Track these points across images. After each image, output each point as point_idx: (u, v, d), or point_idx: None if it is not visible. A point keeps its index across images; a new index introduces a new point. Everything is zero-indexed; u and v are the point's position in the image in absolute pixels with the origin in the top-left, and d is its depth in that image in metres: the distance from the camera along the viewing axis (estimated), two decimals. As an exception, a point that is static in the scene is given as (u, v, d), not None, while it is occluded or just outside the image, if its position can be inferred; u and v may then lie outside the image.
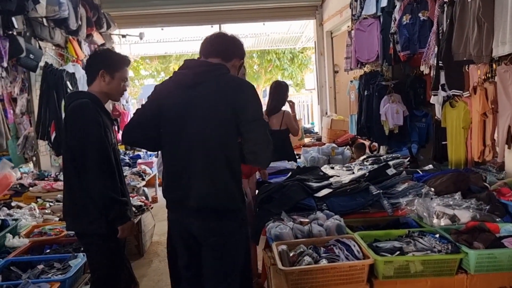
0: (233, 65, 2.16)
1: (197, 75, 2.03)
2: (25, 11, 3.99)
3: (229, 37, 2.20)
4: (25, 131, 4.82)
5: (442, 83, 3.49)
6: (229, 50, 2.16)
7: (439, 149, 3.89)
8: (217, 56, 2.11)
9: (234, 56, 2.17)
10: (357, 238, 2.15)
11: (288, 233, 2.27)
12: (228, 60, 2.13)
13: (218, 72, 2.05)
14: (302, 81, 15.36)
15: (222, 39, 2.18)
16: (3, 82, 4.22)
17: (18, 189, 4.22)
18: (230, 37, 2.20)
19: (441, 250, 1.98)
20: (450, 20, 3.26)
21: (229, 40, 2.18)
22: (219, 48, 2.13)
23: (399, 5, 4.22)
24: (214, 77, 2.02)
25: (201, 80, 2.02)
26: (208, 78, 2.02)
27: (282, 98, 4.42)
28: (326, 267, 1.95)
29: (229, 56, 2.14)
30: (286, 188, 2.82)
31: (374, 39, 4.85)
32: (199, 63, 2.13)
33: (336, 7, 6.94)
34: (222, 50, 2.13)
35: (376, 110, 4.85)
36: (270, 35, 10.39)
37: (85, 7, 5.75)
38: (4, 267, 2.45)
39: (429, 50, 3.73)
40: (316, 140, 7.28)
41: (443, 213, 2.31)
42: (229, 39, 2.19)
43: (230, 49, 2.17)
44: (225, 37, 2.19)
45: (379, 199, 2.66)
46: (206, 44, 2.16)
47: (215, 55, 2.12)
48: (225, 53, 2.14)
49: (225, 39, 2.18)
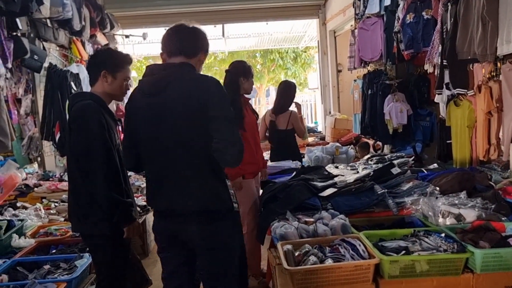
0: (198, 60, 2.05)
1: (160, 81, 1.94)
2: (29, 12, 3.99)
3: (190, 30, 2.03)
4: (29, 131, 4.84)
5: (446, 81, 3.48)
6: (192, 45, 2.02)
7: (444, 148, 3.88)
8: (179, 54, 2.00)
9: (198, 51, 2.04)
10: (363, 237, 2.15)
11: (293, 232, 2.27)
12: (192, 57, 2.01)
13: (181, 73, 1.94)
14: (305, 81, 15.33)
15: (183, 34, 2.02)
16: (7, 83, 4.23)
17: (23, 189, 4.24)
18: (191, 29, 2.04)
19: (447, 249, 1.97)
20: (454, 18, 3.25)
21: (190, 35, 2.03)
22: (180, 45, 2.00)
23: (403, 4, 4.22)
24: (178, 79, 1.92)
25: (165, 85, 1.92)
26: (172, 81, 1.92)
27: (290, 98, 4.43)
28: (332, 266, 1.95)
29: (192, 52, 2.01)
30: (290, 187, 2.83)
31: (378, 38, 4.85)
32: (162, 67, 2.02)
33: (339, 6, 6.93)
34: (184, 47, 2.00)
35: (380, 109, 4.85)
36: (273, 35, 10.38)
37: (88, 7, 5.76)
38: (10, 268, 2.46)
39: (433, 48, 3.72)
40: (319, 139, 7.27)
41: (448, 212, 2.31)
42: (190, 33, 2.03)
43: (192, 45, 2.02)
44: (186, 32, 2.03)
45: (384, 199, 2.65)
46: (167, 41, 2.04)
47: (177, 53, 2.00)
48: (188, 49, 2.00)
49: (186, 33, 2.02)
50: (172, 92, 1.91)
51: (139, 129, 2.00)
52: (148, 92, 1.97)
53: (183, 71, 1.95)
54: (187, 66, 1.97)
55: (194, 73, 1.99)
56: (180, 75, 1.93)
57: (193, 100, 1.88)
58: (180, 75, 1.93)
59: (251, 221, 3.44)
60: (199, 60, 2.05)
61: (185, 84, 1.92)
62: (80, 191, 2.20)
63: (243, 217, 3.53)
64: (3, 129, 3.51)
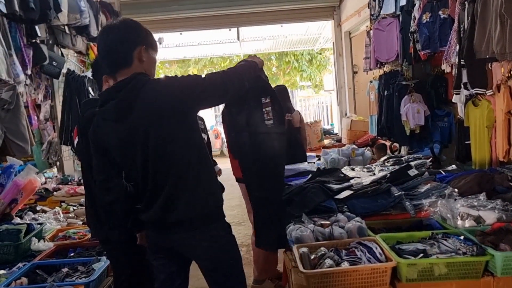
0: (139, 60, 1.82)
1: (121, 103, 1.78)
2: (48, 19, 4.08)
3: (115, 34, 1.81)
4: (49, 136, 4.94)
5: (464, 81, 3.42)
6: (123, 52, 1.80)
7: (462, 148, 3.81)
8: (119, 69, 1.81)
9: (132, 52, 1.80)
10: (379, 240, 2.12)
11: (309, 235, 2.25)
12: (131, 63, 1.81)
13: (133, 90, 1.76)
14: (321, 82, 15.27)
15: (109, 45, 1.80)
16: (27, 89, 4.32)
17: (43, 193, 4.32)
18: (115, 31, 1.82)
19: (466, 252, 1.93)
20: (471, 17, 3.19)
21: (115, 39, 1.80)
22: (112, 60, 1.82)
23: (419, 3, 4.16)
24: (134, 97, 1.76)
25: (129, 105, 1.76)
26: (133, 98, 1.76)
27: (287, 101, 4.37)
28: (348, 270, 1.92)
29: (128, 58, 1.81)
30: (306, 190, 2.80)
31: (394, 39, 4.80)
32: (112, 93, 1.82)
33: (354, 7, 6.89)
34: (116, 60, 1.81)
35: (397, 110, 4.79)
36: (288, 37, 10.39)
37: (105, 14, 5.86)
38: (30, 270, 2.50)
39: (450, 48, 3.66)
40: (335, 141, 7.23)
41: (467, 214, 2.26)
42: (115, 37, 1.80)
43: (123, 51, 1.80)
44: (110, 39, 1.80)
45: (401, 201, 2.61)
46: (102, 61, 1.87)
47: (116, 69, 1.81)
48: (122, 59, 1.80)
49: (111, 41, 1.80)
50: (141, 107, 1.76)
51: (121, 157, 1.88)
52: (110, 118, 1.82)
53: (135, 87, 1.77)
54: (134, 80, 1.78)
55: (147, 83, 1.79)
56: (135, 92, 1.76)
57: (162, 107, 1.76)
58: (135, 92, 1.76)
59: None
60: (142, 59, 1.83)
61: (145, 98, 1.76)
62: (96, 197, 2.21)
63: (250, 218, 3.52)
64: (22, 135, 3.58)
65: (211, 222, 1.89)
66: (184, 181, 1.84)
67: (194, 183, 1.85)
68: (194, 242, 1.89)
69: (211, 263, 1.95)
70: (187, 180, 1.84)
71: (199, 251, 1.92)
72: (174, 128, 1.80)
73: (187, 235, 1.87)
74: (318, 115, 14.16)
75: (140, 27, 1.87)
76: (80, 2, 4.86)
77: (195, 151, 1.86)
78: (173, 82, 1.83)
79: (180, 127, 1.81)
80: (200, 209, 1.86)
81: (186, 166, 1.84)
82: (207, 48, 10.94)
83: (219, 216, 1.96)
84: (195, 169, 1.85)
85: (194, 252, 1.94)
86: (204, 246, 1.89)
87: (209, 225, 1.89)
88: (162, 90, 1.79)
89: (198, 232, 1.87)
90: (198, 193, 1.86)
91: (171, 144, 1.80)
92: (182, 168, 1.83)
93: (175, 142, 1.81)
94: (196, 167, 1.86)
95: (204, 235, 1.88)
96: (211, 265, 1.96)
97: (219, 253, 1.92)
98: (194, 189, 1.85)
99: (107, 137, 1.86)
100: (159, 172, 1.84)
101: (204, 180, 1.89)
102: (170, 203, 1.85)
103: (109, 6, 6.16)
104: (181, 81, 1.83)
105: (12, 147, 3.50)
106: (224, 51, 11.81)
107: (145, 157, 1.82)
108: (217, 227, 1.92)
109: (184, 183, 1.84)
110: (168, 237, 1.91)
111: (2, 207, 3.11)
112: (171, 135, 1.80)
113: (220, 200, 1.96)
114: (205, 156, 1.91)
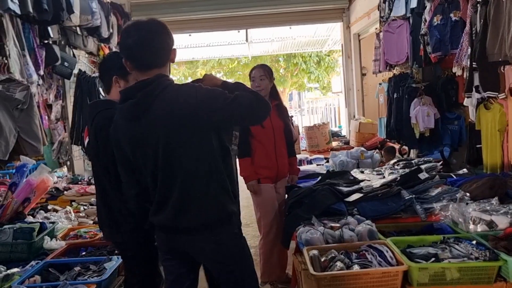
0: (170, 61, 1.89)
1: (139, 104, 1.79)
2: (61, 20, 4.12)
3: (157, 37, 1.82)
4: (59, 136, 4.98)
5: (476, 84, 3.40)
6: (160, 51, 1.83)
7: (473, 152, 3.78)
8: (151, 69, 1.82)
9: (168, 52, 1.85)
10: (390, 243, 2.12)
11: (319, 238, 2.26)
12: (165, 63, 1.85)
13: (153, 92, 1.78)
14: (329, 84, 15.27)
15: (144, 45, 1.80)
16: (39, 90, 4.36)
17: (54, 193, 4.35)
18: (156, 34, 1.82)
19: (479, 257, 1.93)
20: (484, 20, 3.17)
21: (152, 39, 1.81)
22: (144, 58, 1.82)
23: (430, 5, 4.15)
24: (152, 98, 1.77)
25: (146, 107, 1.78)
26: (151, 100, 1.77)
27: None
28: (359, 273, 1.93)
29: (164, 57, 1.84)
30: (316, 192, 2.81)
31: (404, 41, 4.78)
32: (132, 92, 1.84)
33: (363, 9, 6.87)
34: (151, 59, 1.82)
35: (406, 113, 4.77)
36: (296, 39, 10.38)
37: (116, 15, 5.90)
38: (43, 269, 2.53)
39: (462, 51, 3.64)
40: (344, 144, 7.20)
41: (479, 218, 2.25)
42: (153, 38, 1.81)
43: (160, 50, 1.83)
44: (146, 39, 1.81)
45: (411, 204, 2.61)
46: (131, 55, 1.84)
47: (149, 68, 1.82)
48: (157, 58, 1.83)
49: (148, 41, 1.80)
50: (157, 111, 1.77)
51: (133, 157, 1.89)
52: (130, 117, 1.83)
53: (162, 87, 1.79)
54: (161, 80, 1.81)
55: (172, 85, 1.82)
56: (160, 91, 1.78)
57: (182, 112, 1.76)
58: (160, 91, 1.78)
59: (266, 225, 3.43)
60: (174, 59, 1.90)
61: (168, 100, 1.78)
62: (111, 201, 2.19)
63: (259, 221, 3.53)
64: (35, 134, 3.62)
65: (216, 228, 1.88)
66: (191, 190, 1.84)
67: (201, 193, 1.84)
68: (201, 245, 1.90)
69: (218, 265, 1.96)
70: (194, 189, 1.84)
71: (205, 254, 1.92)
72: (185, 137, 1.79)
73: (194, 238, 1.88)
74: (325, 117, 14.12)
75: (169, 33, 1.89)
76: (91, 4, 4.90)
77: (205, 162, 1.83)
78: (194, 91, 1.80)
79: (191, 136, 1.80)
80: (206, 219, 1.86)
81: (192, 176, 1.83)
82: (215, 49, 10.96)
83: (227, 222, 1.92)
84: (202, 180, 1.83)
85: (201, 255, 1.95)
86: (210, 249, 1.89)
87: (213, 230, 1.88)
88: (180, 97, 1.79)
89: (204, 237, 1.87)
90: (205, 203, 1.85)
91: (179, 151, 1.80)
92: (189, 177, 1.83)
93: (183, 151, 1.81)
94: (203, 179, 1.83)
95: (210, 239, 1.88)
96: (219, 267, 1.97)
97: (225, 256, 1.92)
98: (201, 199, 1.84)
99: (122, 135, 1.88)
100: (168, 178, 1.84)
101: (212, 192, 1.86)
102: (178, 210, 1.85)
103: (119, 8, 6.21)
104: (203, 92, 1.79)
105: (25, 146, 3.54)
106: (233, 52, 11.83)
107: (156, 161, 1.83)
108: (223, 232, 1.90)
109: (191, 192, 1.84)
110: (176, 239, 1.92)
111: (15, 206, 3.14)
112: (180, 143, 1.79)
113: (228, 211, 1.91)
114: (216, 169, 1.86)
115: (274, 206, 3.45)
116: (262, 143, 3.41)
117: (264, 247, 3.43)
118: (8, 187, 3.34)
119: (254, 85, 3.42)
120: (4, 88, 3.42)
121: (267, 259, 3.42)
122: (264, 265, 3.45)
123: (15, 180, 3.30)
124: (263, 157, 3.43)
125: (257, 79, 3.43)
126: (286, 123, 3.58)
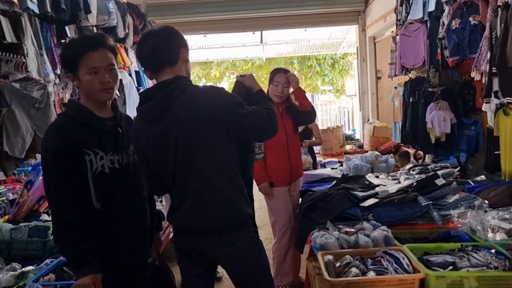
0: (183, 60, 1.90)
1: (159, 105, 1.81)
2: (78, 20, 4.16)
3: (160, 36, 1.86)
4: (74, 135, 5.02)
5: (495, 90, 3.34)
6: (169, 51, 1.86)
7: (491, 159, 3.71)
8: (163, 67, 1.85)
9: (179, 52, 1.88)
10: (406, 250, 2.08)
11: (334, 243, 2.23)
12: (176, 61, 1.87)
13: (172, 93, 1.80)
14: (343, 87, 15.17)
15: (155, 46, 1.85)
16: (55, 89, 4.40)
17: (68, 191, 4.38)
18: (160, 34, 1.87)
19: (498, 266, 1.88)
20: (504, 24, 3.12)
21: (161, 41, 1.85)
22: (158, 59, 1.85)
23: (448, 9, 4.09)
24: (171, 100, 1.80)
25: (165, 108, 1.80)
26: (171, 101, 1.80)
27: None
28: (375, 279, 1.90)
29: (175, 57, 1.87)
30: (331, 196, 2.78)
31: (421, 45, 4.72)
32: (151, 93, 1.87)
33: (379, 12, 6.82)
34: (162, 59, 1.85)
35: (422, 117, 4.71)
36: (311, 41, 10.35)
37: (132, 15, 5.94)
38: (57, 267, 2.54)
39: (481, 55, 3.58)
40: (357, 147, 7.15)
41: (498, 227, 2.20)
42: (160, 39, 1.86)
43: (169, 50, 1.86)
44: (155, 41, 1.85)
45: (428, 210, 2.57)
46: (144, 59, 1.89)
47: (160, 68, 1.86)
48: (169, 57, 1.85)
49: (157, 43, 1.85)
50: (175, 112, 1.80)
51: (150, 155, 1.90)
52: (151, 118, 1.85)
53: (180, 88, 1.81)
54: (180, 81, 1.84)
55: (190, 86, 1.86)
56: (178, 92, 1.81)
57: (198, 115, 1.78)
58: (178, 92, 1.81)
59: (281, 229, 3.41)
60: (184, 60, 1.90)
61: (187, 102, 1.80)
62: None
63: (273, 225, 3.51)
64: (51, 133, 3.65)
65: (233, 231, 1.89)
66: (205, 193, 1.85)
67: (215, 196, 1.85)
68: (218, 248, 1.90)
69: (235, 268, 1.96)
70: (208, 192, 1.85)
71: (223, 256, 1.93)
72: (203, 138, 1.81)
73: (211, 241, 1.89)
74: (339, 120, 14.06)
75: (179, 32, 1.94)
76: (108, 4, 4.93)
77: (221, 165, 1.85)
78: (214, 92, 1.84)
79: (208, 138, 1.81)
80: (222, 222, 1.86)
81: (205, 179, 1.84)
82: (230, 50, 10.99)
83: (244, 226, 1.93)
84: (218, 183, 1.85)
85: (216, 256, 1.95)
86: (227, 252, 1.90)
87: (231, 234, 1.89)
88: (200, 98, 1.82)
89: (221, 240, 1.88)
90: (221, 206, 1.86)
91: (194, 153, 1.82)
92: (202, 179, 1.84)
93: (199, 152, 1.82)
94: (218, 182, 1.85)
95: (227, 243, 1.88)
96: (236, 270, 1.97)
97: (242, 259, 1.92)
98: (217, 201, 1.85)
99: (142, 136, 1.90)
100: (184, 179, 1.86)
101: (228, 195, 1.87)
102: (192, 212, 1.87)
103: (135, 8, 6.24)
104: (222, 96, 1.83)
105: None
106: (247, 54, 11.84)
107: (176, 162, 1.85)
108: (240, 235, 1.91)
109: (205, 194, 1.85)
110: (193, 241, 1.93)
111: (31, 204, 3.17)
112: (196, 144, 1.81)
113: (245, 215, 1.93)
114: (232, 173, 1.88)
115: (288, 210, 3.43)
116: (275, 145, 3.40)
117: (278, 251, 3.42)
118: (24, 185, 3.37)
119: (276, 89, 3.41)
120: (21, 87, 3.44)
121: (280, 263, 3.41)
122: (277, 268, 3.43)
123: (30, 178, 3.33)
124: (276, 159, 3.42)
125: (281, 85, 3.42)
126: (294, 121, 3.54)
